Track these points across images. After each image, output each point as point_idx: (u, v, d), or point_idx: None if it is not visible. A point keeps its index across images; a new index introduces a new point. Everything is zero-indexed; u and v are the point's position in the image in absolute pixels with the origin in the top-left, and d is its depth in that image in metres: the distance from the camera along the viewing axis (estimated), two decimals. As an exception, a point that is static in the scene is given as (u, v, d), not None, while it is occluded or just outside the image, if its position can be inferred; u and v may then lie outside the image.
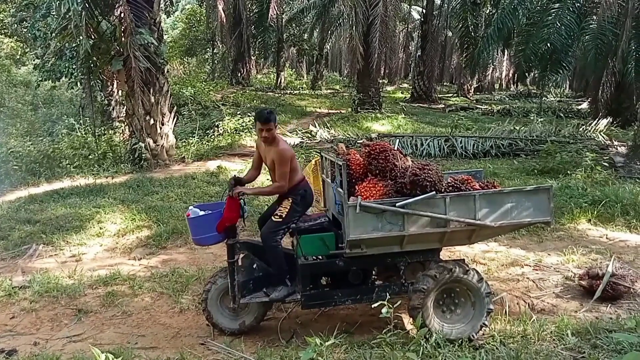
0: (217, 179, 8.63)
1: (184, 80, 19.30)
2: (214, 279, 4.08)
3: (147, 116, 9.66)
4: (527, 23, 15.54)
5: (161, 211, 6.87)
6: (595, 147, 10.88)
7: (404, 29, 32.94)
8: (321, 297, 3.96)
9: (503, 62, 32.13)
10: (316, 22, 25.06)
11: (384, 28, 15.00)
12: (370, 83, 16.86)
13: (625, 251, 5.65)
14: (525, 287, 4.87)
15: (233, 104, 15.16)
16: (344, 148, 4.47)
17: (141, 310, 4.53)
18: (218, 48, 27.03)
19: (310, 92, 25.40)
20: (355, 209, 3.60)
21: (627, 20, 12.06)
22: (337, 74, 41.83)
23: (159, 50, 9.67)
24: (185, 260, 5.61)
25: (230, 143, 11.57)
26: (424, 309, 3.73)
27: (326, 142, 11.56)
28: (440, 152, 11.00)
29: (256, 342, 3.98)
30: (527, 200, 3.77)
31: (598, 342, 3.56)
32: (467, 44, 19.43)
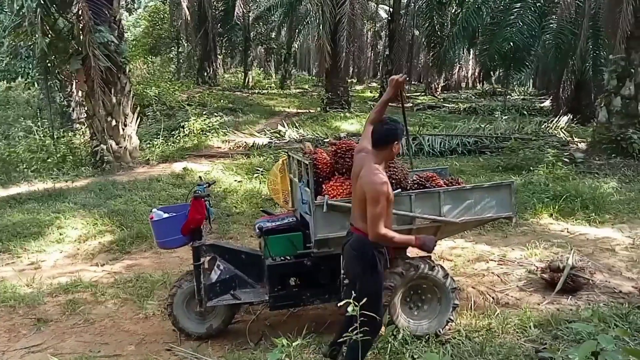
0: (183, 181, 8.48)
1: (147, 80, 18.86)
2: (180, 283, 3.98)
3: (109, 117, 9.39)
4: (490, 22, 15.93)
5: (125, 215, 6.68)
6: (556, 143, 11.23)
7: (371, 28, 33.21)
8: (289, 297, 3.93)
9: (469, 61, 32.78)
10: (283, 20, 24.94)
11: (351, 27, 15.07)
12: (339, 82, 16.91)
13: (585, 244, 5.84)
14: (490, 281, 4.97)
15: (199, 104, 14.92)
16: (310, 147, 4.46)
17: (104, 318, 4.39)
18: (183, 47, 26.58)
19: (279, 91, 25.28)
20: (323, 208, 3.59)
21: (585, 20, 12.51)
22: (306, 73, 41.83)
23: (119, 48, 9.42)
24: (150, 265, 5.47)
25: (196, 144, 11.38)
26: (391, 306, 3.74)
27: (295, 142, 11.52)
28: (408, 151, 11.05)
29: (224, 346, 3.91)
30: (490, 196, 3.84)
31: (559, 333, 3.67)
32: (434, 43, 19.73)
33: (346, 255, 3.11)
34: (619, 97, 9.73)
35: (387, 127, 3.03)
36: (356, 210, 3.05)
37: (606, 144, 9.82)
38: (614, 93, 9.80)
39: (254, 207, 7.10)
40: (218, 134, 12.23)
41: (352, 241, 3.06)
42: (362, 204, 2.92)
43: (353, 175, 3.09)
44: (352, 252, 3.04)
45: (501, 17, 15.24)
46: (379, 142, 3.00)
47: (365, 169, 2.94)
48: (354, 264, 3.05)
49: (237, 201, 7.42)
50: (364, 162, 2.99)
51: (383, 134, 2.99)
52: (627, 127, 9.69)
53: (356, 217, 3.05)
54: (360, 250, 3.00)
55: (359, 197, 2.95)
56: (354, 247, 3.03)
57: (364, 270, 3.00)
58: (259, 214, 6.08)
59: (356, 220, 3.05)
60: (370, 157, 3.00)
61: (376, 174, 2.90)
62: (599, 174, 8.88)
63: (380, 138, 2.99)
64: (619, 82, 9.72)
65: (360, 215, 2.98)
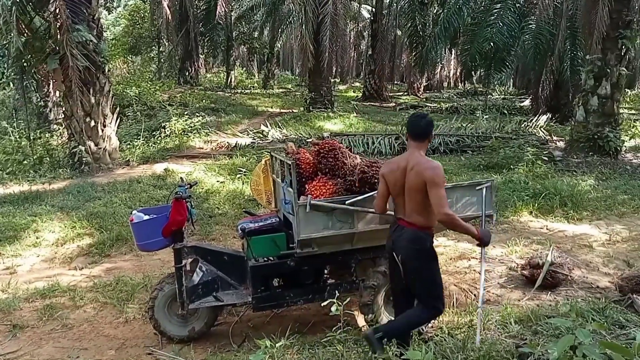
0: (164, 182, 8.36)
1: (128, 79, 18.57)
2: (161, 286, 3.93)
3: (87, 118, 9.22)
4: (471, 23, 16.08)
5: (104, 217, 6.56)
6: (536, 142, 11.40)
7: (354, 28, 33.29)
8: (273, 298, 3.91)
9: (451, 61, 33.13)
10: (266, 20, 24.81)
11: (334, 27, 15.06)
12: (322, 82, 16.90)
13: (564, 241, 5.95)
14: (472, 279, 5.02)
15: (181, 104, 14.73)
16: (293, 147, 4.45)
17: (83, 323, 4.30)
18: (164, 46, 26.26)
19: (262, 91, 25.16)
20: (305, 208, 3.58)
21: (562, 20, 12.72)
22: (289, 73, 41.75)
23: (98, 48, 9.25)
24: (130, 268, 5.38)
25: (178, 145, 11.24)
26: (375, 305, 3.76)
27: (278, 142, 11.47)
28: (391, 150, 11.17)
29: (206, 348, 3.87)
30: (471, 194, 3.88)
31: (539, 329, 3.72)
32: (416, 43, 19.85)
33: (404, 250, 3.15)
34: (596, 96, 9.93)
35: (425, 120, 3.19)
36: (410, 203, 3.11)
37: (584, 143, 10.02)
38: (591, 92, 10.00)
39: (237, 208, 7.04)
40: (200, 135, 12.11)
41: (409, 236, 3.13)
42: (419, 195, 3.03)
43: (394, 176, 3.16)
44: (413, 247, 3.12)
45: (482, 18, 15.40)
46: (421, 135, 3.15)
47: (416, 160, 3.07)
48: (415, 258, 3.14)
49: (220, 202, 7.35)
50: (410, 157, 3.11)
51: (424, 127, 3.16)
52: (603, 125, 9.90)
53: (409, 211, 3.12)
54: (420, 244, 3.11)
55: (415, 188, 3.04)
56: (414, 242, 3.12)
57: (427, 262, 3.16)
58: (241, 214, 6.05)
59: (409, 214, 3.13)
60: (415, 151, 3.13)
61: (430, 161, 3.10)
62: (577, 172, 9.05)
63: (422, 131, 3.15)
64: (596, 82, 9.93)
65: (416, 208, 3.08)
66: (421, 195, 3.02)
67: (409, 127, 3.21)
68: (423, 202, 3.04)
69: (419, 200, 3.05)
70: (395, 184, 3.18)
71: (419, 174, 3.01)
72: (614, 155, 9.82)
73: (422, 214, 3.08)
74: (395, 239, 3.22)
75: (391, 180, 3.20)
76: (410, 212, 3.13)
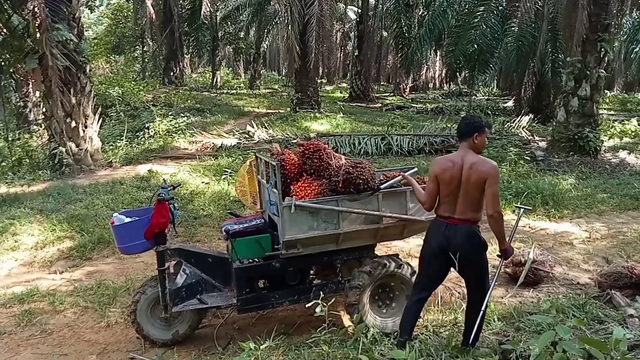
0: (147, 183, 8.24)
1: (110, 79, 18.32)
2: (144, 289, 3.87)
3: (68, 118, 9.06)
4: (455, 25, 16.26)
5: (85, 220, 6.45)
6: (518, 142, 11.57)
7: (341, 29, 33.38)
8: (258, 300, 3.88)
9: (436, 62, 33.43)
10: (252, 20, 24.76)
11: (320, 27, 15.07)
12: (309, 82, 16.90)
13: (545, 239, 6.04)
14: (456, 277, 5.01)
15: (165, 105, 14.59)
16: (278, 148, 4.43)
17: (63, 328, 4.21)
18: (148, 46, 26.02)
19: (248, 91, 25.08)
20: (290, 209, 3.56)
21: (544, 23, 12.94)
22: (275, 73, 41.64)
23: (79, 47, 9.10)
24: (112, 271, 5.29)
25: (162, 145, 11.12)
26: (360, 305, 3.76)
27: (264, 142, 11.42)
28: (377, 150, 11.21)
29: (190, 352, 3.82)
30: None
31: (521, 325, 3.77)
32: (402, 44, 20.01)
33: (463, 247, 3.26)
34: (576, 97, 10.10)
35: (466, 121, 3.36)
36: (465, 200, 3.23)
37: (565, 143, 10.19)
38: (572, 94, 10.17)
39: (222, 209, 6.99)
40: (185, 135, 12.00)
41: (466, 233, 3.25)
42: (476, 192, 3.17)
43: (449, 174, 3.25)
44: (471, 242, 3.27)
45: (465, 20, 15.57)
46: (464, 134, 3.30)
47: (473, 158, 3.21)
48: (475, 252, 3.30)
49: (205, 203, 7.28)
50: (464, 156, 3.25)
51: (464, 127, 3.32)
52: (583, 126, 10.08)
53: (463, 208, 3.24)
54: (477, 239, 3.28)
55: (474, 185, 3.17)
56: (472, 237, 3.26)
57: (482, 255, 3.34)
58: (226, 216, 5.99)
59: (463, 211, 3.24)
60: (466, 150, 3.27)
61: (488, 159, 3.25)
62: (558, 171, 9.20)
63: (463, 131, 3.31)
64: (576, 84, 10.10)
65: (471, 205, 3.22)
66: (478, 192, 3.17)
67: (457, 127, 3.42)
68: (478, 198, 3.20)
69: (475, 197, 3.19)
70: (450, 182, 3.25)
71: (479, 171, 3.14)
72: (593, 155, 10.00)
73: (475, 210, 3.23)
74: (449, 237, 3.28)
75: (445, 178, 3.26)
76: (464, 209, 3.24)
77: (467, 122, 3.34)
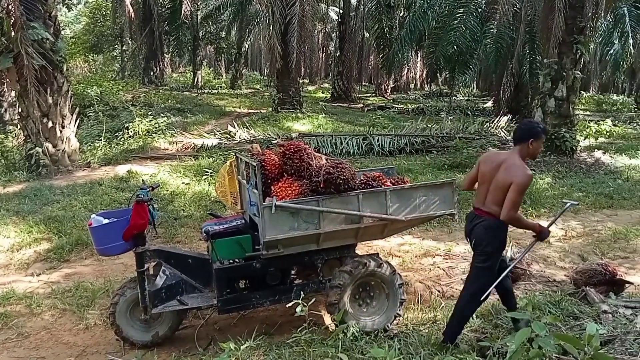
0: (127, 184, 8.14)
1: (89, 79, 18.02)
2: (122, 290, 3.83)
3: (45, 118, 8.88)
4: (436, 26, 16.46)
5: (63, 221, 6.34)
6: (497, 142, 11.77)
7: (322, 29, 33.44)
8: (239, 300, 3.87)
9: (417, 63, 33.77)
10: (233, 19, 24.63)
11: (301, 28, 15.08)
12: (291, 82, 16.88)
13: (523, 237, 6.13)
14: (436, 275, 5.14)
15: (145, 105, 14.40)
16: (258, 148, 4.42)
17: (40, 330, 4.14)
18: (127, 45, 25.66)
19: (230, 91, 24.94)
20: (271, 209, 3.56)
21: (521, 25, 13.18)
22: (257, 73, 41.51)
23: (56, 46, 8.92)
24: (91, 273, 5.22)
25: (142, 146, 10.98)
26: (341, 304, 3.78)
27: (246, 142, 11.38)
28: (358, 150, 11.28)
29: (171, 353, 3.79)
30: (434, 194, 3.96)
31: (499, 322, 3.86)
32: (383, 45, 20.16)
33: (478, 235, 3.44)
34: (553, 98, 10.32)
35: (523, 126, 3.49)
36: (491, 195, 3.39)
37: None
38: (548, 95, 10.38)
39: (203, 210, 6.95)
40: (165, 135, 11.87)
41: (486, 224, 3.41)
42: (502, 192, 3.29)
43: (488, 167, 3.44)
44: (487, 233, 3.41)
45: (446, 22, 15.78)
46: (519, 139, 3.39)
47: (513, 161, 3.33)
48: (487, 242, 3.42)
49: (185, 204, 7.23)
50: (508, 156, 3.39)
51: (521, 132, 3.42)
52: (560, 126, 10.29)
53: (489, 201, 3.40)
54: (496, 231, 3.40)
55: (501, 184, 3.30)
56: (489, 229, 3.40)
57: (495, 248, 3.45)
58: (207, 216, 5.96)
59: (488, 204, 3.41)
60: (514, 152, 3.39)
61: (525, 167, 3.32)
62: (535, 171, 9.36)
63: (519, 136, 3.39)
64: (553, 85, 10.31)
65: (495, 200, 3.35)
66: (503, 193, 3.28)
67: (514, 131, 3.54)
68: (504, 197, 3.29)
69: (500, 196, 3.31)
70: (484, 174, 3.46)
71: (509, 175, 3.27)
72: (569, 155, 10.23)
73: (500, 207, 3.32)
74: (473, 226, 3.49)
75: (484, 169, 3.47)
76: (490, 202, 3.40)
77: (526, 127, 3.44)
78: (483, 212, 3.45)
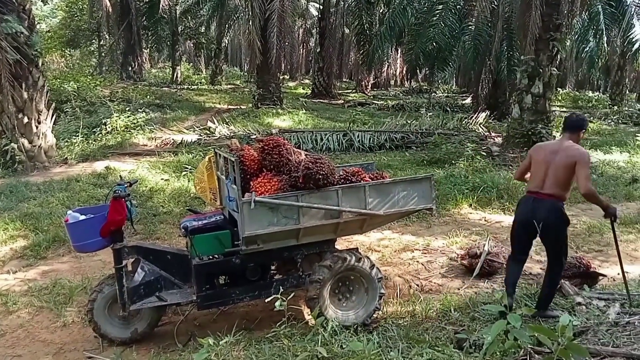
0: (105, 180, 8.03)
1: (66, 74, 17.64)
2: (100, 287, 3.80)
3: (20, 114, 8.70)
4: (415, 23, 16.55)
5: (40, 218, 6.24)
6: (475, 138, 11.94)
7: (302, 25, 33.31)
8: (218, 296, 3.87)
9: (397, 60, 33.92)
10: (212, 15, 24.37)
11: (281, 23, 15.03)
12: (271, 78, 16.82)
13: (500, 231, 6.27)
14: (415, 269, 5.21)
15: (123, 100, 14.17)
16: (237, 144, 4.41)
17: (17, 329, 4.08)
18: (105, 40, 25.18)
19: (210, 87, 24.70)
20: (250, 205, 3.57)
21: (499, 22, 13.36)
22: (237, 69, 41.13)
23: (30, 40, 8.73)
24: (68, 270, 5.15)
25: (120, 142, 10.82)
26: (321, 299, 3.81)
27: (226, 138, 11.31)
28: (339, 146, 11.32)
29: (150, 349, 3.78)
30: (412, 189, 4.01)
31: (476, 315, 3.93)
32: (363, 41, 20.20)
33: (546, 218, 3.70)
34: (530, 94, 10.50)
35: (577, 118, 3.91)
36: (552, 178, 3.70)
37: (519, 138, 10.58)
38: (525, 91, 10.56)
39: (182, 206, 6.90)
40: (144, 131, 11.72)
41: (550, 206, 3.71)
42: (566, 172, 3.64)
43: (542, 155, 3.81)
44: (554, 214, 3.71)
45: (425, 18, 15.89)
46: (572, 128, 3.83)
47: (568, 144, 3.73)
48: (557, 223, 3.74)
49: (164, 200, 7.17)
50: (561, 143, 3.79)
51: (575, 122, 3.86)
52: (536, 122, 10.49)
53: (550, 185, 3.71)
54: (560, 211, 3.73)
55: (562, 165, 3.65)
56: (555, 210, 3.72)
57: (563, 227, 3.78)
58: (186, 212, 5.93)
59: (550, 187, 3.71)
60: (564, 139, 3.81)
61: (581, 147, 3.74)
62: (513, 166, 9.54)
63: (573, 124, 3.85)
64: (530, 81, 10.48)
65: (557, 183, 3.69)
66: (566, 172, 3.64)
67: (565, 121, 3.91)
68: (565, 179, 3.67)
69: (562, 176, 3.66)
70: (539, 162, 3.80)
71: (570, 155, 3.64)
72: (546, 150, 10.42)
73: (561, 188, 3.69)
74: (535, 209, 3.75)
75: (538, 157, 3.83)
76: (550, 186, 3.71)
77: (580, 118, 3.92)
78: (544, 194, 3.72)
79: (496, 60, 14.83)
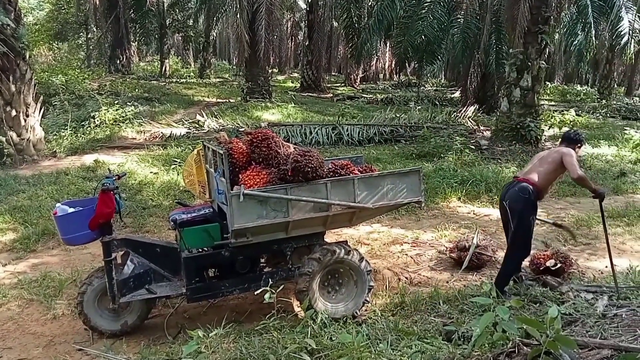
0: (94, 173, 8.00)
1: (53, 67, 17.38)
2: (90, 280, 3.80)
3: (8, 107, 8.61)
4: (404, 16, 16.50)
5: (29, 211, 6.21)
6: (464, 132, 12.00)
7: (291, 18, 33.12)
8: (208, 289, 3.89)
9: (386, 53, 33.88)
10: (200, 7, 24.12)
11: (269, 16, 14.95)
12: (259, 72, 16.74)
13: (489, 224, 6.35)
14: (404, 262, 5.26)
15: (112, 93, 14.04)
16: (225, 137, 4.41)
17: (7, 321, 4.07)
18: (93, 32, 24.84)
19: (198, 80, 24.53)
20: (239, 198, 3.58)
21: (487, 15, 13.40)
22: (226, 62, 40.80)
23: (17, 33, 8.62)
24: (58, 263, 5.14)
25: (109, 135, 10.74)
26: (310, 291, 3.85)
27: (214, 132, 11.26)
28: (328, 140, 11.32)
29: (140, 342, 3.80)
30: (401, 182, 4.05)
31: (465, 307, 3.99)
32: (352, 34, 20.11)
33: (512, 197, 4.11)
34: (518, 88, 10.58)
35: (577, 133, 4.43)
36: (535, 168, 4.19)
37: (507, 132, 10.68)
38: (514, 85, 10.64)
39: (171, 199, 6.89)
40: (133, 125, 11.63)
41: (519, 187, 4.09)
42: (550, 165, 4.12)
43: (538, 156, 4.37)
44: (520, 195, 4.06)
45: (413, 11, 15.85)
46: (570, 141, 4.33)
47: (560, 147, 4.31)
48: (518, 203, 4.07)
49: (154, 193, 7.15)
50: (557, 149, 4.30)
51: (573, 136, 4.37)
52: (525, 116, 10.59)
53: (530, 171, 4.20)
54: (526, 191, 4.05)
55: (550, 159, 4.16)
56: (521, 189, 4.08)
57: (525, 208, 4.07)
58: (175, 205, 5.92)
59: (529, 173, 4.18)
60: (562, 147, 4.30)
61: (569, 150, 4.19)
62: (501, 160, 9.65)
63: (572, 139, 4.35)
64: (518, 75, 10.56)
65: (537, 171, 4.13)
66: (550, 165, 4.12)
67: (564, 135, 4.47)
68: (547, 170, 4.11)
69: (545, 167, 4.12)
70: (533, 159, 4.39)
71: (557, 150, 4.22)
72: (534, 144, 10.54)
73: (540, 177, 4.10)
74: (508, 190, 4.19)
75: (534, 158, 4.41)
76: (529, 172, 4.18)
77: (577, 134, 4.40)
78: (520, 179, 4.15)
79: (485, 53, 14.89)
